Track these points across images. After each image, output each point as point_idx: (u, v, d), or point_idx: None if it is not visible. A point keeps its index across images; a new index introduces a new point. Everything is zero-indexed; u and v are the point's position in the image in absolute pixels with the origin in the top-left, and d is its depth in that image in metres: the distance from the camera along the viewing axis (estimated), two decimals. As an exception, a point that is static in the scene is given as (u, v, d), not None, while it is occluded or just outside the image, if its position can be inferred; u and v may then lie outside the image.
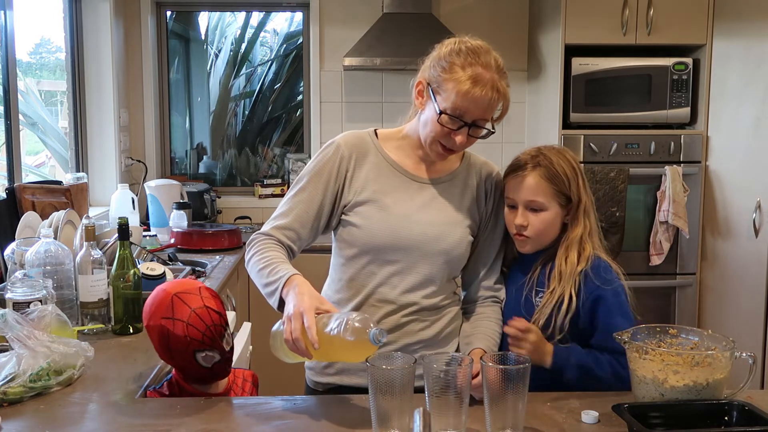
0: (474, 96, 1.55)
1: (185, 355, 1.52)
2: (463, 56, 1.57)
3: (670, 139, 3.54)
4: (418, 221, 1.66)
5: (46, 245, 2.09)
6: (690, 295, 3.61)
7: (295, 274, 1.53)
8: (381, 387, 1.30)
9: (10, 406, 1.51)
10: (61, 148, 3.90)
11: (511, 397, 1.31)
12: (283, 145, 4.56)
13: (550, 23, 3.66)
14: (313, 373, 1.76)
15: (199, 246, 3.37)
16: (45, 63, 3.95)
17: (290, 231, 1.66)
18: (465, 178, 1.75)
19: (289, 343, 1.42)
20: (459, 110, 1.57)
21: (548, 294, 1.66)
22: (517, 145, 4.11)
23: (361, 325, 1.35)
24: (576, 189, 1.68)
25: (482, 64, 1.56)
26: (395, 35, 3.76)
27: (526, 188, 1.68)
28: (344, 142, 1.70)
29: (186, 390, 1.60)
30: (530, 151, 1.73)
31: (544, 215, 1.68)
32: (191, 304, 1.52)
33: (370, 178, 1.68)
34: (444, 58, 1.59)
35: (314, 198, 1.67)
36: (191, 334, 1.50)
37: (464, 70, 1.56)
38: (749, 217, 3.22)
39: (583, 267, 1.66)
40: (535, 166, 1.68)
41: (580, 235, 1.68)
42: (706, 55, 3.51)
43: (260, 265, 1.59)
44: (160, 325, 1.51)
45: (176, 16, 4.39)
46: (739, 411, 1.36)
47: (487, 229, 1.77)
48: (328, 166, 1.68)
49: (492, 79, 1.56)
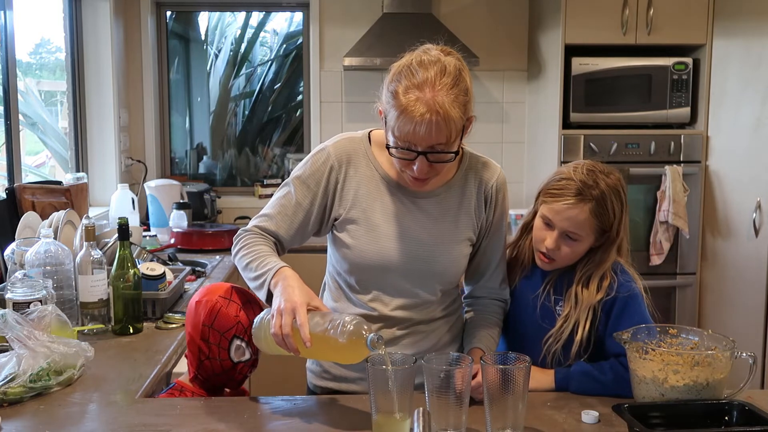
0: (413, 127, 1.39)
1: (225, 337, 1.57)
2: (399, 79, 1.42)
3: (670, 139, 3.54)
4: (409, 241, 1.59)
5: (46, 245, 2.09)
6: (690, 295, 3.61)
7: (283, 266, 1.51)
8: (381, 387, 1.30)
9: (10, 406, 1.51)
10: (61, 148, 3.90)
11: (511, 397, 1.31)
12: (283, 145, 4.56)
13: (550, 23, 3.66)
14: (313, 376, 1.74)
15: (199, 246, 3.37)
16: (45, 63, 3.95)
17: (271, 234, 1.63)
18: (462, 187, 1.64)
19: (277, 338, 1.40)
20: (405, 141, 1.43)
21: (562, 320, 1.62)
22: (517, 145, 4.12)
23: (356, 329, 1.33)
24: (617, 227, 1.61)
25: (419, 85, 1.39)
26: (395, 35, 3.76)
27: (570, 218, 1.58)
28: (335, 151, 1.62)
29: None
30: (585, 175, 1.59)
31: (578, 245, 1.62)
32: (248, 296, 1.64)
33: (360, 193, 1.60)
34: (387, 85, 1.46)
35: (300, 205, 1.62)
36: (241, 318, 1.59)
37: (398, 99, 1.40)
38: (749, 217, 3.22)
39: (602, 297, 1.61)
40: (587, 200, 1.57)
41: (605, 270, 1.62)
42: (706, 55, 3.51)
43: (248, 258, 1.57)
44: (216, 300, 1.59)
45: (176, 16, 4.39)
46: (739, 411, 1.36)
47: (488, 235, 1.68)
48: (317, 176, 1.61)
49: (431, 101, 1.38)
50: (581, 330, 1.59)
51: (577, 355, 1.62)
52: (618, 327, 1.57)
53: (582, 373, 1.60)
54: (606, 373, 1.58)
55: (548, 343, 1.63)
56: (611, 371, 1.58)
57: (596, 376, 1.59)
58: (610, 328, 1.60)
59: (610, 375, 1.58)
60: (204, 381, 1.63)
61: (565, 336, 1.61)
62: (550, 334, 1.63)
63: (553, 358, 1.64)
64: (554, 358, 1.63)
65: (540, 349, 1.64)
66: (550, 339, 1.62)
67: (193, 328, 1.61)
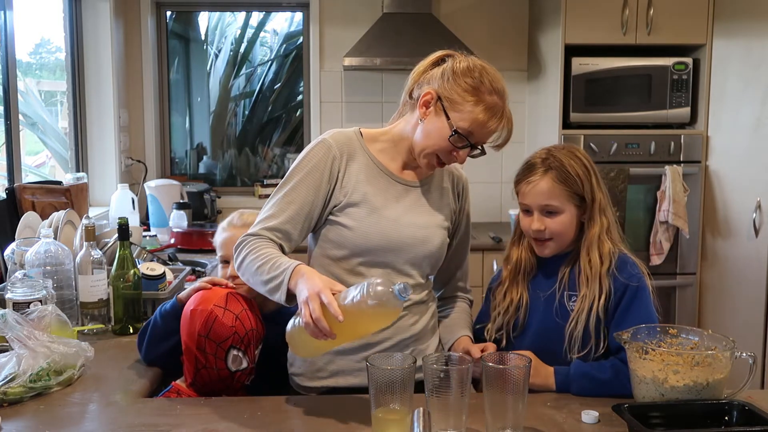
0: (489, 126, 1.58)
1: (221, 347, 1.56)
2: (478, 78, 1.58)
3: (670, 139, 3.54)
4: (406, 224, 1.66)
5: (46, 245, 2.09)
6: (690, 295, 3.61)
7: (299, 264, 1.50)
8: (381, 387, 1.30)
9: (10, 406, 1.51)
10: (61, 148, 3.90)
11: (511, 397, 1.31)
12: (283, 145, 4.56)
13: (550, 23, 3.66)
14: (303, 379, 1.70)
15: (199, 246, 3.37)
16: (45, 63, 3.95)
17: (280, 232, 1.60)
18: (440, 182, 1.76)
19: (310, 327, 1.37)
20: (471, 133, 1.59)
21: (580, 300, 1.63)
22: (517, 145, 4.11)
23: (382, 287, 1.33)
24: (590, 188, 1.66)
25: (498, 92, 1.59)
26: (395, 35, 3.76)
27: (539, 193, 1.65)
28: (335, 141, 1.67)
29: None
30: (540, 153, 1.70)
31: (561, 218, 1.66)
32: (243, 304, 1.62)
33: (360, 180, 1.66)
34: (460, 76, 1.59)
35: (306, 198, 1.62)
36: (237, 328, 1.57)
37: (481, 96, 1.57)
38: (749, 217, 3.22)
39: (608, 266, 1.63)
40: (546, 170, 1.65)
41: (597, 234, 1.66)
42: (706, 55, 3.51)
43: (258, 262, 1.53)
44: (211, 310, 1.57)
45: (176, 16, 4.39)
46: (739, 411, 1.36)
47: (459, 231, 1.82)
48: (321, 166, 1.64)
49: (504, 109, 1.60)
50: (596, 306, 1.61)
51: (593, 340, 1.61)
52: (624, 318, 1.59)
53: (582, 375, 1.60)
54: (606, 372, 1.58)
55: (570, 328, 1.63)
56: (611, 369, 1.58)
57: (596, 375, 1.59)
58: (618, 319, 1.61)
59: (610, 373, 1.58)
60: (201, 387, 1.63)
61: (584, 317, 1.61)
62: (571, 319, 1.63)
63: (574, 346, 1.63)
64: (575, 345, 1.62)
65: (560, 344, 1.64)
66: (572, 324, 1.63)
67: (189, 337, 1.59)
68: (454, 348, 1.73)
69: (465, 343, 1.71)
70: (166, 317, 1.77)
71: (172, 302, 1.78)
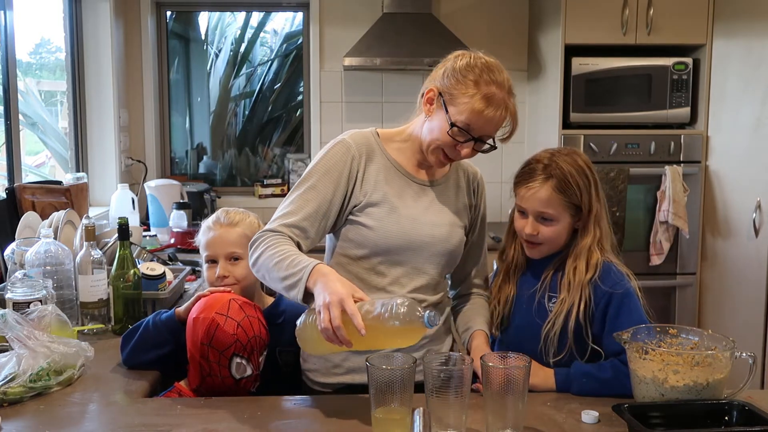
0: (487, 115, 1.57)
1: (224, 355, 1.55)
2: (478, 72, 1.59)
3: (670, 139, 3.54)
4: (425, 223, 1.68)
5: (46, 245, 2.09)
6: (690, 295, 3.61)
7: (319, 263, 1.49)
8: (381, 387, 1.30)
9: (10, 406, 1.51)
10: (61, 148, 3.90)
11: (511, 397, 1.31)
12: (283, 145, 4.56)
13: (550, 23, 3.66)
14: (318, 375, 1.71)
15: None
16: (45, 63, 3.95)
17: (298, 228, 1.59)
18: (456, 180, 1.79)
19: (327, 333, 1.37)
20: (469, 125, 1.59)
21: (558, 303, 1.65)
22: (517, 145, 4.11)
23: (409, 310, 1.33)
24: (588, 200, 1.65)
25: (496, 83, 1.59)
26: (395, 35, 3.76)
27: (537, 200, 1.66)
28: (354, 142, 1.68)
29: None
30: (542, 156, 1.69)
31: (555, 226, 1.67)
32: (246, 311, 1.61)
33: (379, 180, 1.67)
34: (459, 71, 1.61)
35: (325, 196, 1.62)
36: (239, 336, 1.56)
37: (479, 87, 1.58)
38: (749, 217, 3.22)
39: (592, 275, 1.63)
40: (547, 177, 1.65)
41: (588, 245, 1.66)
42: (706, 55, 3.51)
43: (276, 258, 1.51)
44: (212, 318, 1.56)
45: (176, 16, 4.39)
46: (739, 411, 1.36)
47: (476, 228, 1.83)
48: (339, 166, 1.65)
49: (504, 99, 1.59)
50: (575, 312, 1.61)
51: (571, 346, 1.62)
52: (616, 325, 1.58)
53: (582, 374, 1.60)
54: (606, 371, 1.59)
55: (546, 329, 1.64)
56: (611, 369, 1.58)
57: (597, 375, 1.59)
58: (608, 327, 1.61)
59: (610, 373, 1.58)
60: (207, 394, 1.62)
61: (561, 320, 1.62)
62: (548, 320, 1.64)
63: (550, 349, 1.64)
64: (551, 348, 1.64)
65: (536, 343, 1.65)
66: (548, 325, 1.64)
67: (193, 345, 1.59)
68: (470, 340, 1.74)
69: (479, 341, 1.71)
70: (159, 327, 1.75)
71: (169, 314, 1.76)
